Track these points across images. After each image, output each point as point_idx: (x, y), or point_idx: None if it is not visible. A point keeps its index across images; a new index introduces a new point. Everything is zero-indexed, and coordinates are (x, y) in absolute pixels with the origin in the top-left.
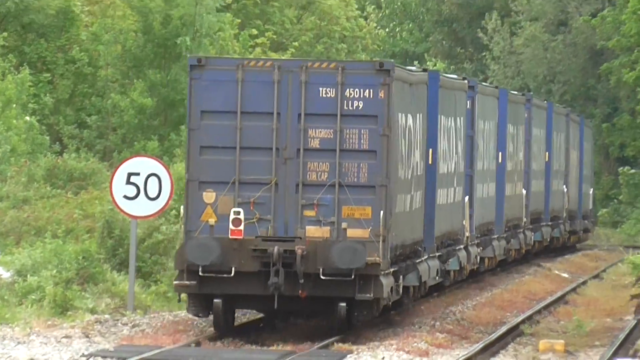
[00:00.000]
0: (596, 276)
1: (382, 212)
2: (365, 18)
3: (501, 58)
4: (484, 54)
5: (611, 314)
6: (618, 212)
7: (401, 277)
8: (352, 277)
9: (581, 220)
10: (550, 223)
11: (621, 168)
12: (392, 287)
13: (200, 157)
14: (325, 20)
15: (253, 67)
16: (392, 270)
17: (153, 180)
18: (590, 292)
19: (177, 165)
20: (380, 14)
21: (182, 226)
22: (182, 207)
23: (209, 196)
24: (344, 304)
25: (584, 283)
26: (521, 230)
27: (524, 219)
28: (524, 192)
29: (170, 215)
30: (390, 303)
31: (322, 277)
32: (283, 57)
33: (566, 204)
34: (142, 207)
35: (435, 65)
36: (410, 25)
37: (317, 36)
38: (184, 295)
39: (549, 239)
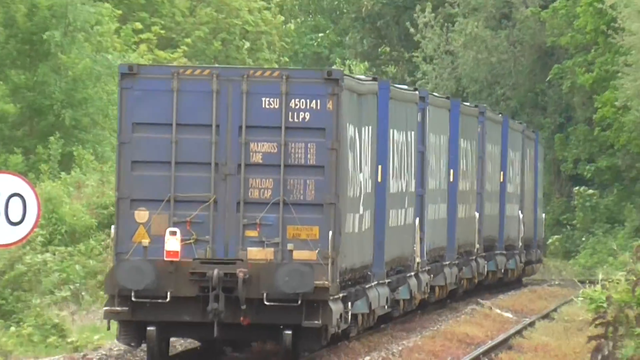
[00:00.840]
0: (546, 316)
1: (330, 232)
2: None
3: (435, 58)
4: (413, 53)
5: None
6: (571, 240)
7: (350, 303)
8: (299, 302)
9: (536, 250)
10: (504, 252)
11: (576, 188)
12: (341, 314)
13: (131, 172)
14: (223, 13)
15: (190, 75)
16: (341, 295)
17: (16, 202)
18: (539, 336)
19: (45, 183)
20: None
21: (112, 248)
22: (112, 227)
23: (141, 215)
24: (289, 332)
25: (531, 324)
26: (473, 257)
27: (477, 245)
28: (477, 215)
29: (36, 243)
30: (340, 331)
31: (266, 302)
32: (220, 65)
33: (522, 232)
34: (1, 234)
35: (355, 66)
36: (323, 21)
37: (213, 31)
38: (113, 323)
39: (502, 270)
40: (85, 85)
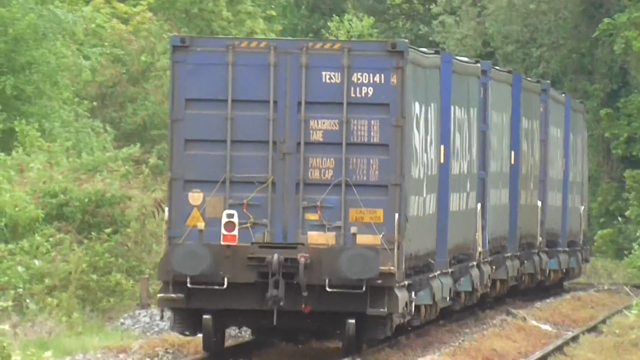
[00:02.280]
0: (592, 329)
1: (396, 215)
2: None
3: (460, 10)
4: (430, 6)
5: None
6: (624, 234)
7: (413, 293)
8: (363, 289)
9: (588, 248)
10: (567, 249)
11: (629, 171)
12: (406, 303)
13: (185, 152)
14: None
15: (245, 48)
16: (406, 283)
17: None
18: (584, 353)
19: None
20: None
21: (165, 232)
22: (165, 209)
23: (195, 197)
24: (353, 321)
25: (574, 339)
26: (536, 251)
27: (539, 239)
28: (539, 204)
29: None
30: (406, 322)
31: (328, 289)
32: (278, 38)
33: (583, 225)
34: None
35: (360, 22)
36: None
37: None
38: (165, 311)
39: (564, 269)
40: (29, 46)
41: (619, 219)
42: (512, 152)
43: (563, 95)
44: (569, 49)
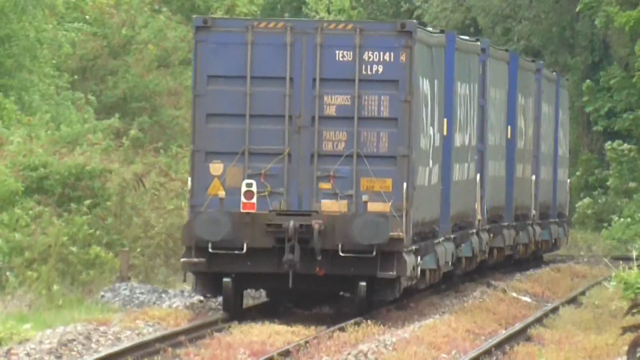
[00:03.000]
0: (572, 301)
1: (405, 185)
2: None
3: None
4: None
5: (594, 355)
6: (603, 206)
7: (419, 257)
8: (374, 253)
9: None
10: (557, 220)
11: (609, 142)
12: (413, 266)
13: (206, 125)
14: None
15: (264, 28)
16: (413, 248)
17: None
18: (564, 324)
19: None
20: None
21: (187, 200)
22: (188, 179)
23: (216, 168)
24: (364, 283)
25: (554, 310)
26: (530, 223)
27: (533, 211)
28: (534, 178)
29: None
30: (413, 283)
31: (341, 253)
32: (294, 18)
33: (567, 197)
34: None
35: None
36: None
37: None
38: (188, 274)
39: (554, 240)
40: (8, 20)
41: (598, 190)
42: (509, 127)
43: (554, 73)
44: (550, 23)
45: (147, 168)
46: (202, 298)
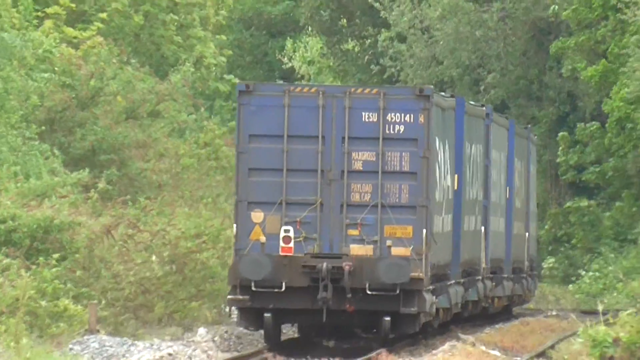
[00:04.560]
0: (541, 354)
1: (424, 231)
2: None
3: (409, 38)
4: (378, 31)
5: None
6: (571, 261)
7: (435, 297)
8: (397, 291)
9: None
10: (528, 273)
11: (569, 202)
12: (432, 303)
13: (248, 178)
14: None
15: (299, 92)
16: (431, 287)
17: None
18: None
19: None
20: None
21: (233, 244)
22: (234, 225)
23: (257, 216)
24: (388, 318)
25: None
26: (524, 275)
27: (526, 263)
28: (527, 234)
29: None
30: (432, 319)
31: (368, 292)
32: (325, 85)
33: (537, 251)
34: None
35: (312, 38)
36: None
37: (134, 3)
38: (232, 309)
39: (524, 293)
40: None
41: (566, 245)
42: (508, 187)
43: (526, 129)
44: (518, 75)
45: (116, 220)
46: (171, 351)
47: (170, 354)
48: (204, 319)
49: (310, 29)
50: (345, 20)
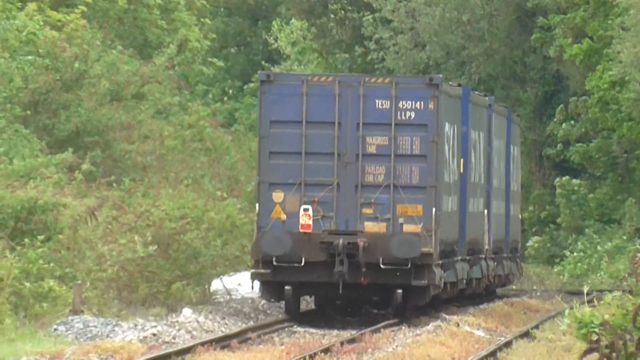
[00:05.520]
0: (525, 334)
1: (433, 210)
2: None
3: (395, 22)
4: (364, 14)
5: None
6: (555, 242)
7: (443, 272)
8: (409, 266)
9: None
10: (510, 254)
11: (558, 179)
12: (440, 277)
13: (269, 161)
14: None
15: (317, 81)
16: (440, 262)
17: None
18: (517, 359)
19: None
20: None
21: (255, 222)
22: (256, 205)
23: (278, 196)
24: (400, 290)
25: (507, 345)
26: (518, 254)
27: (520, 243)
28: (520, 216)
29: None
30: (440, 291)
31: (381, 266)
32: (341, 74)
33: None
34: None
35: (293, 22)
36: None
37: None
38: (255, 283)
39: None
40: None
41: (550, 226)
42: (506, 173)
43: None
44: (502, 57)
45: (100, 202)
46: (155, 332)
47: (154, 334)
48: (188, 300)
49: (289, 9)
50: (330, 4)
